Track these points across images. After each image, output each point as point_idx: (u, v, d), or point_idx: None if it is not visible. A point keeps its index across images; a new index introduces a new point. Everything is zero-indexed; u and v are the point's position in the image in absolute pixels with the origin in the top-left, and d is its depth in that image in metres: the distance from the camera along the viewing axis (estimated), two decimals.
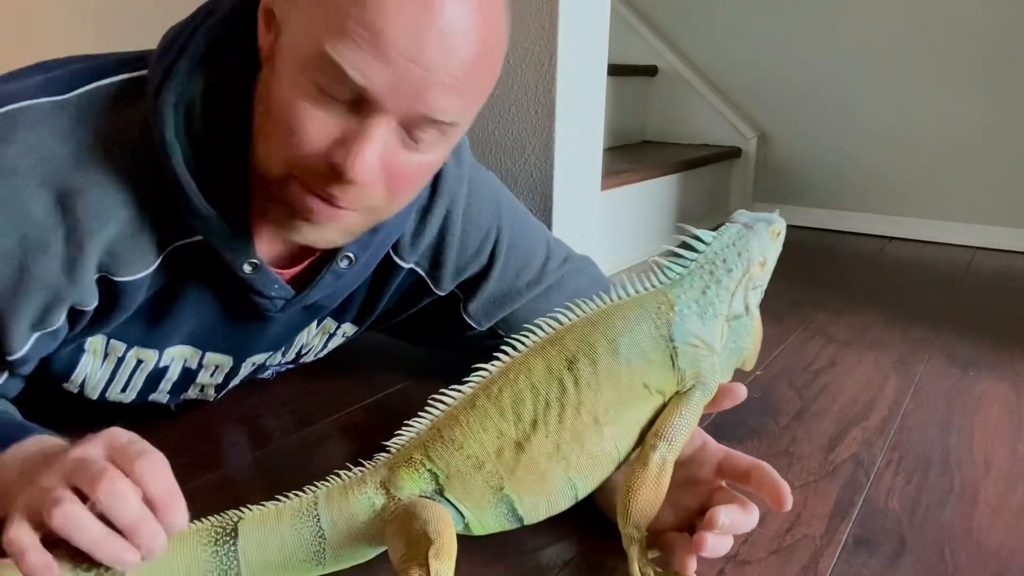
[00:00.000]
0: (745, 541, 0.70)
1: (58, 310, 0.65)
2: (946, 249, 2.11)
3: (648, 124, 2.54)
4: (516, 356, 0.62)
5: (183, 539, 0.56)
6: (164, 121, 0.63)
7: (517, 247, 0.90)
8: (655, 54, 2.47)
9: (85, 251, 0.64)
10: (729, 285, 0.64)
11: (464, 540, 0.60)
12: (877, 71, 2.21)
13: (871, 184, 2.27)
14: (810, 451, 0.89)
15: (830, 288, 1.62)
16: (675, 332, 0.62)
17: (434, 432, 0.61)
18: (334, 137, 0.58)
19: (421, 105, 0.58)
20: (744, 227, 0.66)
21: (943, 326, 1.38)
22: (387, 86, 0.56)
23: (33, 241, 0.62)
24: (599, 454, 0.62)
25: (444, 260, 0.85)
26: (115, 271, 0.66)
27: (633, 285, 0.64)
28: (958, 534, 0.73)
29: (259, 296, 0.72)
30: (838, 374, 1.14)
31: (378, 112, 0.58)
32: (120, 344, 0.75)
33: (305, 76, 0.57)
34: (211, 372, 0.82)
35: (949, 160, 2.16)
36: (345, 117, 0.58)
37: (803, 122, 2.34)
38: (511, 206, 0.91)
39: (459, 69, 0.58)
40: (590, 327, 0.62)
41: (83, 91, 0.65)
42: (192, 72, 0.64)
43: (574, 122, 1.30)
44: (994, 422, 0.99)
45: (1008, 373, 1.16)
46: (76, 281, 0.65)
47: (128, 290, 0.68)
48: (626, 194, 1.84)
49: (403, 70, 0.56)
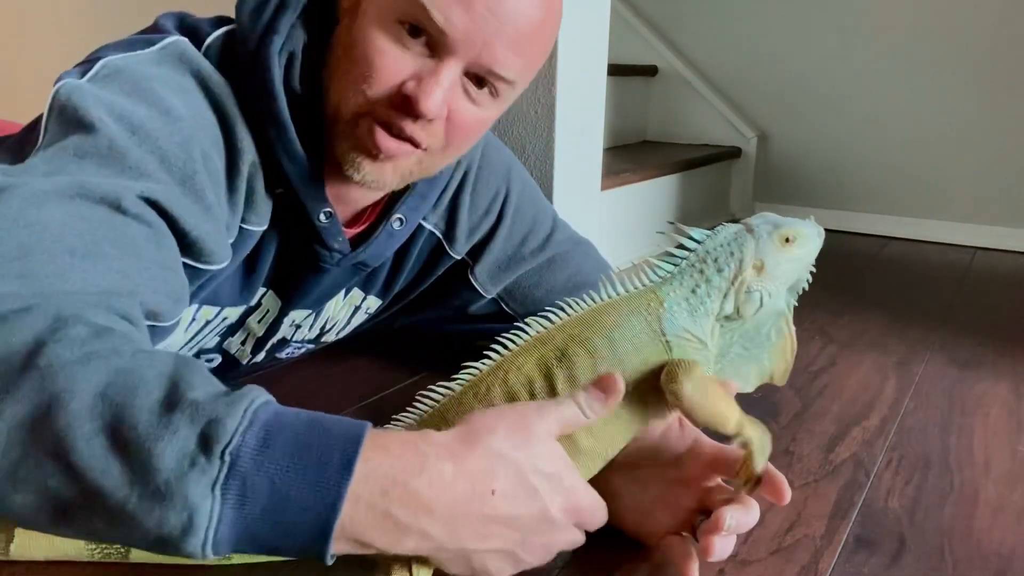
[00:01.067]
0: (745, 541, 0.70)
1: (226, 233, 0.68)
2: (946, 249, 2.11)
3: (648, 124, 2.54)
4: (506, 354, 0.63)
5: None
6: (272, 69, 0.68)
7: (523, 212, 0.94)
8: (655, 54, 2.47)
9: (241, 184, 0.68)
10: (720, 285, 0.63)
11: None
12: (877, 71, 2.21)
13: (871, 184, 2.27)
14: (810, 451, 0.89)
15: (830, 288, 1.62)
16: (666, 327, 0.62)
17: (423, 428, 0.61)
18: (409, 72, 0.65)
19: (488, 55, 0.65)
20: (745, 229, 0.64)
21: (943, 326, 1.38)
22: (463, 31, 0.63)
23: (212, 159, 0.65)
24: (586, 453, 0.61)
25: (458, 219, 0.90)
26: (248, 219, 0.71)
27: (623, 284, 0.64)
28: (958, 534, 0.73)
29: (322, 247, 0.76)
30: (838, 374, 1.14)
31: (450, 55, 0.64)
32: (212, 309, 0.77)
33: (389, 17, 0.64)
34: (261, 316, 0.84)
35: (949, 160, 2.16)
36: (420, 58, 0.65)
37: (803, 122, 2.34)
38: (521, 175, 0.96)
39: (528, 27, 0.66)
40: (581, 325, 0.62)
41: (205, 45, 0.70)
42: (294, 27, 0.70)
43: (574, 122, 1.30)
44: (994, 422, 0.99)
45: (1008, 373, 1.16)
46: (233, 210, 0.68)
47: (248, 241, 0.72)
48: (626, 194, 1.84)
49: (480, 19, 0.63)
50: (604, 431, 0.60)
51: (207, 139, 0.65)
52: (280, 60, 0.69)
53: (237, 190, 0.68)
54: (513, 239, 0.94)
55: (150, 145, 0.60)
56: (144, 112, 0.61)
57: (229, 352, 0.88)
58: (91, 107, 0.59)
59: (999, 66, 2.06)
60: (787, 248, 0.63)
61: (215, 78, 0.67)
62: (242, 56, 0.69)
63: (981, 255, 2.04)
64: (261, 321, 0.85)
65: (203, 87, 0.67)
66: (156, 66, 0.65)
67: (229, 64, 0.69)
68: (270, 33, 0.68)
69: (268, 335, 0.87)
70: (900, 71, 2.18)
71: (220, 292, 0.76)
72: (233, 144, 0.67)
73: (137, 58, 0.65)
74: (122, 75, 0.63)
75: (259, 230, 0.73)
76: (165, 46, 0.67)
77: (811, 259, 0.65)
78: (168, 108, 0.62)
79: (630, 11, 2.47)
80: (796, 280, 0.65)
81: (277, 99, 0.68)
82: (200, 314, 0.77)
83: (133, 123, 0.60)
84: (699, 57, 2.46)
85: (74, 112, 0.59)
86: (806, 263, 0.65)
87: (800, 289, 0.66)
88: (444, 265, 0.93)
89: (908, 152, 2.21)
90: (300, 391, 1.00)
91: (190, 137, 0.63)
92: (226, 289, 0.76)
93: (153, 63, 0.65)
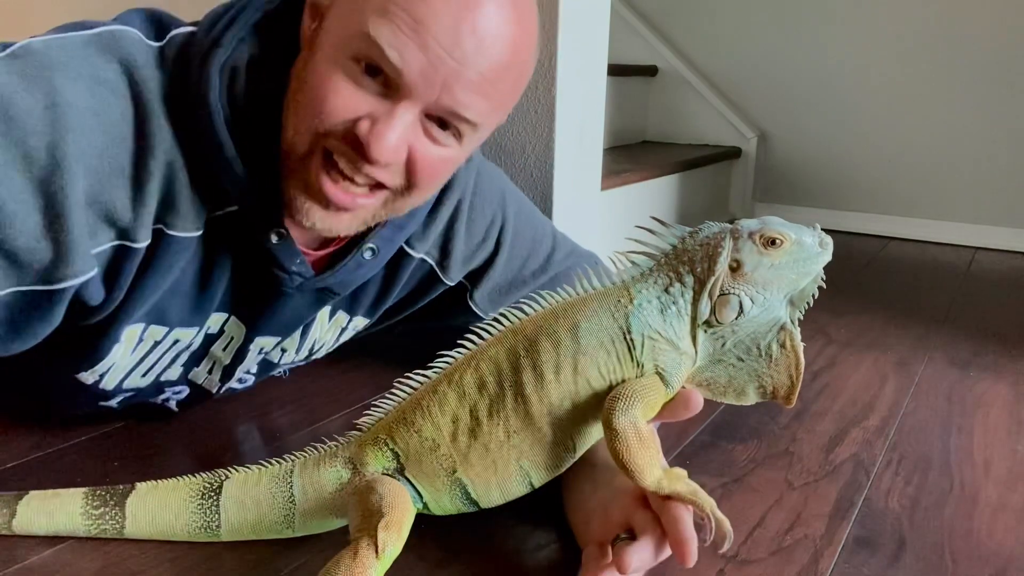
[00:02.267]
0: (745, 541, 0.70)
1: (107, 231, 0.64)
2: (946, 249, 2.11)
3: (648, 124, 2.54)
4: (480, 344, 0.64)
5: (176, 489, 0.65)
6: (210, 83, 0.65)
7: (522, 236, 0.92)
8: (655, 54, 2.47)
9: (151, 182, 0.64)
10: (693, 284, 0.62)
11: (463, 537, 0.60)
12: (877, 71, 2.21)
13: (871, 184, 2.27)
14: (810, 451, 0.89)
15: (830, 288, 1.61)
16: (632, 324, 0.62)
17: (399, 414, 0.64)
18: (362, 112, 0.62)
19: (448, 97, 0.62)
20: (728, 230, 0.62)
21: (943, 326, 1.38)
22: (420, 72, 0.60)
23: (112, 156, 0.62)
24: (552, 444, 0.62)
25: (452, 249, 0.87)
26: (172, 223, 0.67)
27: (599, 278, 0.65)
28: (958, 534, 0.73)
29: (279, 269, 0.73)
30: (838, 374, 1.14)
31: (407, 98, 0.62)
32: (160, 328, 0.74)
33: (344, 54, 0.61)
34: (225, 344, 0.82)
35: (949, 160, 2.16)
36: (376, 99, 0.62)
37: (803, 122, 2.34)
38: (516, 197, 0.94)
39: (489, 70, 0.62)
40: (551, 318, 0.63)
41: (164, 41, 0.67)
42: (241, 41, 0.67)
43: (574, 122, 1.30)
44: (994, 422, 0.99)
45: (1008, 373, 1.16)
46: (137, 210, 0.64)
47: (178, 247, 0.68)
48: (626, 194, 1.84)
49: (437, 60, 0.60)
50: (566, 420, 0.61)
51: (105, 134, 0.61)
52: (221, 75, 0.66)
53: (145, 190, 0.64)
54: (513, 264, 0.92)
55: (13, 138, 0.58)
56: (28, 102, 0.58)
57: (196, 383, 0.85)
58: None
59: (999, 66, 2.06)
60: (769, 251, 0.60)
61: (145, 72, 0.64)
62: (191, 65, 0.66)
63: (981, 255, 2.04)
64: (227, 348, 0.82)
65: (127, 78, 0.63)
66: (78, 50, 0.62)
67: (181, 70, 0.67)
68: (214, 46, 0.66)
69: (235, 363, 0.84)
70: (900, 71, 2.18)
71: (166, 310, 0.72)
72: (145, 143, 0.63)
73: (61, 40, 0.63)
74: (31, 57, 0.61)
75: (187, 236, 0.68)
76: (100, 32, 0.64)
77: (806, 268, 0.61)
78: (57, 100, 0.59)
79: (630, 11, 2.47)
80: (794, 290, 0.62)
81: (213, 114, 0.65)
82: (147, 334, 0.74)
83: (8, 112, 0.58)
84: (699, 57, 2.46)
85: None
86: (800, 272, 0.61)
87: (806, 302, 0.63)
88: (437, 290, 0.90)
89: (908, 152, 2.21)
90: (300, 391, 1.01)
91: (73, 131, 0.59)
92: (174, 307, 0.73)
93: (78, 47, 0.63)
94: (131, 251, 0.65)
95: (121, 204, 0.63)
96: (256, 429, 0.91)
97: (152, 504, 0.65)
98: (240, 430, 0.90)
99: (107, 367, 0.75)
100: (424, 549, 0.67)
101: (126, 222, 0.64)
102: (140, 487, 0.66)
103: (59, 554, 0.65)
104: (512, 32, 0.63)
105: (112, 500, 0.65)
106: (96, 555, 0.65)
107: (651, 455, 0.58)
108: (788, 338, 0.63)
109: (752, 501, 0.77)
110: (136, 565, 0.64)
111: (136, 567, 0.64)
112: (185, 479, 0.65)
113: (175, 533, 0.65)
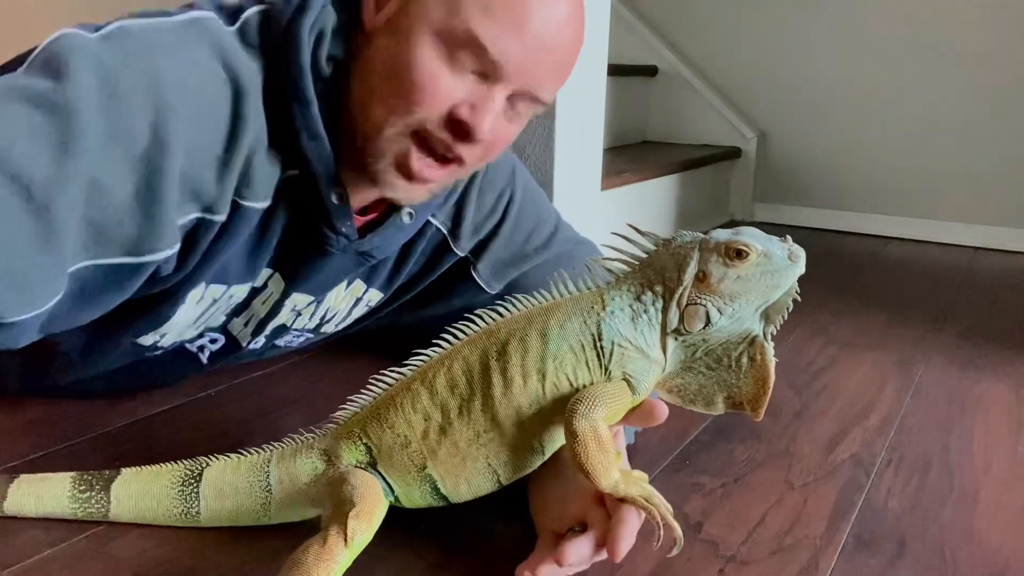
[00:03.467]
0: (745, 541, 0.70)
1: (193, 206, 0.66)
2: (946, 249, 2.11)
3: (648, 124, 2.54)
4: (456, 343, 0.65)
5: (159, 475, 0.68)
6: (301, 45, 0.68)
7: (527, 211, 0.96)
8: (655, 54, 2.47)
9: (236, 160, 0.66)
10: (664, 294, 0.62)
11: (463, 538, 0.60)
12: (877, 71, 2.21)
13: (871, 184, 2.27)
14: (810, 451, 0.89)
15: (830, 288, 1.62)
16: (603, 331, 0.62)
17: (373, 409, 0.66)
18: (460, 96, 0.67)
19: (534, 83, 0.69)
20: (698, 240, 0.62)
21: (943, 326, 1.38)
22: (517, 64, 0.67)
23: (206, 135, 0.64)
24: (519, 445, 0.63)
25: (463, 217, 0.91)
26: (246, 195, 0.69)
27: (575, 283, 0.65)
28: (958, 534, 0.73)
29: (330, 229, 0.76)
30: (838, 374, 1.14)
31: (501, 81, 0.67)
32: (220, 287, 0.77)
33: (440, 43, 0.66)
34: (265, 298, 0.84)
35: (949, 160, 2.16)
36: (471, 82, 0.67)
37: (803, 122, 2.34)
38: (524, 176, 0.98)
39: (568, 54, 0.71)
40: (525, 321, 0.64)
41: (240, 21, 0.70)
42: (326, 5, 0.70)
43: (574, 122, 1.30)
44: (994, 422, 0.99)
45: (1008, 373, 1.16)
46: (222, 186, 0.67)
47: (248, 217, 0.71)
48: (626, 194, 1.84)
49: (533, 52, 0.67)
50: (534, 423, 0.62)
51: (201, 115, 0.63)
52: (310, 37, 0.69)
53: (230, 166, 0.67)
54: (516, 237, 0.95)
55: (116, 114, 0.59)
56: (132, 80, 0.60)
57: (232, 333, 0.88)
58: (77, 58, 0.58)
59: (999, 66, 2.06)
60: (735, 263, 0.59)
61: (237, 54, 0.67)
62: (275, 31, 0.69)
63: (981, 255, 2.04)
64: (265, 303, 0.85)
65: (221, 60, 0.66)
66: (175, 33, 0.65)
67: (264, 41, 0.69)
68: (302, 9, 0.69)
69: (269, 317, 0.87)
70: (900, 71, 2.18)
71: (228, 270, 0.76)
72: (238, 118, 0.66)
73: (154, 24, 0.65)
74: (131, 38, 0.62)
75: (258, 207, 0.71)
76: (189, 18, 0.67)
77: (775, 280, 0.60)
78: (160, 81, 0.61)
79: (630, 11, 2.47)
80: (765, 302, 0.61)
81: (303, 75, 0.68)
82: (208, 293, 0.77)
83: (116, 90, 0.59)
84: (699, 57, 2.46)
85: (57, 57, 0.58)
86: (768, 284, 0.60)
87: (779, 317, 0.61)
88: (448, 262, 0.93)
89: (908, 152, 2.21)
90: (301, 390, 1.01)
91: (175, 111, 0.61)
92: (234, 267, 0.76)
93: (170, 31, 0.65)
94: (210, 224, 0.68)
95: (208, 182, 0.65)
96: (259, 429, 0.91)
97: (135, 489, 0.68)
98: (243, 430, 0.90)
99: (168, 328, 0.79)
100: (423, 549, 0.67)
101: (210, 198, 0.66)
102: (125, 472, 0.68)
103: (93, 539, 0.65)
104: (578, 20, 0.71)
105: (98, 484, 0.68)
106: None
107: (609, 459, 0.58)
108: (759, 351, 0.62)
109: (752, 501, 0.77)
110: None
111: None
112: (168, 466, 0.68)
113: (157, 518, 0.68)
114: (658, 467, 0.83)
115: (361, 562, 0.58)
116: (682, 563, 0.67)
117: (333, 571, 0.56)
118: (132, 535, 0.68)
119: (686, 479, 0.81)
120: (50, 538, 0.67)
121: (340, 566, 0.56)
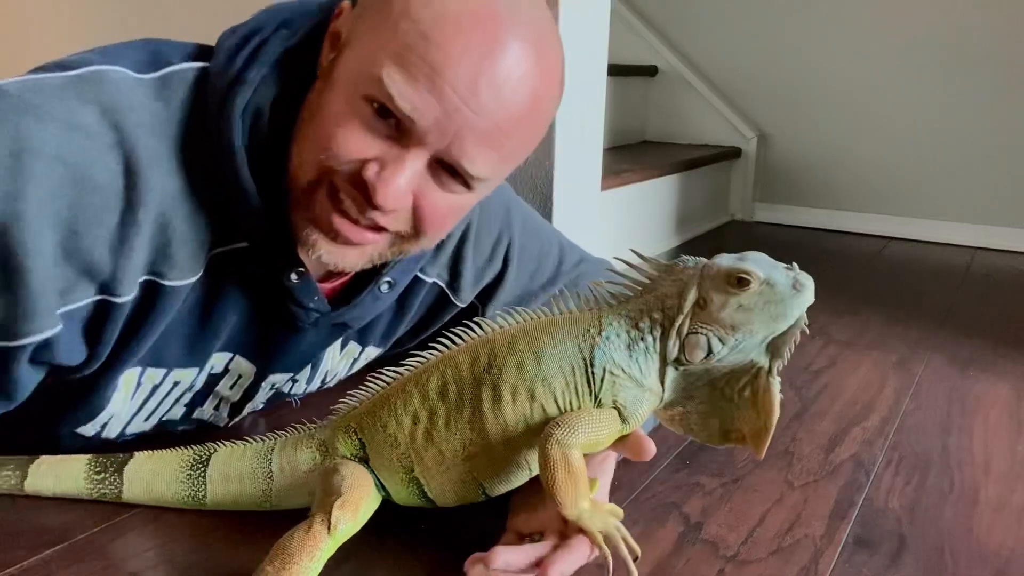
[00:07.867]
0: (745, 541, 0.70)
1: (86, 286, 0.60)
2: (946, 249, 2.11)
3: (648, 124, 2.54)
4: (452, 349, 0.65)
5: (169, 459, 0.71)
6: (234, 126, 0.62)
7: (529, 249, 0.90)
8: (655, 54, 2.47)
9: (139, 234, 0.60)
10: (664, 322, 0.60)
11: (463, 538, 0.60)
12: (877, 71, 2.21)
13: (871, 184, 2.27)
14: (810, 451, 0.89)
15: (830, 288, 1.61)
16: (596, 357, 0.61)
17: (370, 406, 0.67)
18: (371, 155, 0.59)
19: (457, 149, 0.59)
20: (701, 266, 0.59)
21: (943, 326, 1.38)
22: (434, 122, 0.57)
23: (88, 208, 0.58)
24: (504, 460, 0.62)
25: (462, 269, 0.84)
26: (164, 273, 0.63)
27: (576, 302, 0.64)
28: (958, 534, 0.73)
29: (296, 306, 0.70)
30: (838, 374, 1.14)
31: (417, 144, 0.59)
32: (158, 371, 0.71)
33: (357, 92, 0.58)
34: (232, 382, 0.78)
35: (949, 160, 2.16)
36: (386, 142, 0.59)
37: (803, 122, 2.34)
38: (520, 211, 0.91)
39: (505, 121, 0.59)
40: (521, 336, 0.63)
41: (163, 73, 0.64)
42: (264, 81, 0.64)
43: (574, 122, 1.30)
44: (994, 422, 0.99)
45: (1008, 373, 1.16)
46: (120, 263, 0.60)
47: (171, 296, 0.64)
48: (626, 194, 1.84)
49: (452, 110, 0.57)
50: (520, 441, 0.62)
51: (77, 183, 0.57)
52: (244, 118, 0.62)
53: (130, 243, 0.60)
54: (522, 279, 0.89)
55: None
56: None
57: (202, 419, 0.82)
58: None
59: (999, 66, 2.06)
60: (737, 291, 0.57)
61: (134, 115, 0.60)
62: (209, 102, 0.63)
63: (981, 255, 2.04)
64: (234, 387, 0.79)
65: (109, 123, 0.59)
66: (54, 93, 0.58)
67: (194, 107, 0.63)
68: (237, 83, 0.62)
69: (244, 400, 0.81)
70: (900, 71, 2.18)
71: (163, 353, 0.69)
72: (132, 193, 0.59)
73: (37, 82, 0.59)
74: (4, 100, 0.57)
75: (182, 284, 0.64)
76: (81, 74, 0.60)
77: (779, 311, 0.57)
78: (23, 147, 0.55)
79: (630, 11, 2.47)
80: (771, 333, 0.58)
81: (236, 159, 0.62)
82: (144, 377, 0.71)
83: None
84: (699, 57, 2.46)
85: None
86: (772, 314, 0.57)
87: (787, 349, 0.58)
88: (450, 313, 0.86)
89: (908, 152, 2.21)
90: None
91: (35, 180, 0.55)
92: (173, 349, 0.69)
93: (54, 89, 0.59)
94: (114, 306, 0.61)
95: (100, 257, 0.59)
96: (264, 429, 0.91)
97: (147, 472, 0.70)
98: (247, 430, 0.89)
99: (108, 417, 0.73)
100: (423, 549, 0.67)
101: (107, 276, 0.60)
102: (138, 455, 0.71)
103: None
104: (533, 82, 0.60)
105: (112, 467, 0.71)
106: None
107: (578, 486, 0.58)
108: (763, 386, 0.59)
109: (752, 501, 0.77)
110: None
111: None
112: (178, 450, 0.71)
113: (166, 500, 0.71)
114: (658, 467, 0.83)
115: (361, 561, 0.58)
116: (682, 563, 0.67)
117: (316, 558, 0.57)
118: (132, 535, 0.68)
119: (686, 479, 0.81)
120: (50, 538, 0.67)
121: (323, 553, 0.58)
